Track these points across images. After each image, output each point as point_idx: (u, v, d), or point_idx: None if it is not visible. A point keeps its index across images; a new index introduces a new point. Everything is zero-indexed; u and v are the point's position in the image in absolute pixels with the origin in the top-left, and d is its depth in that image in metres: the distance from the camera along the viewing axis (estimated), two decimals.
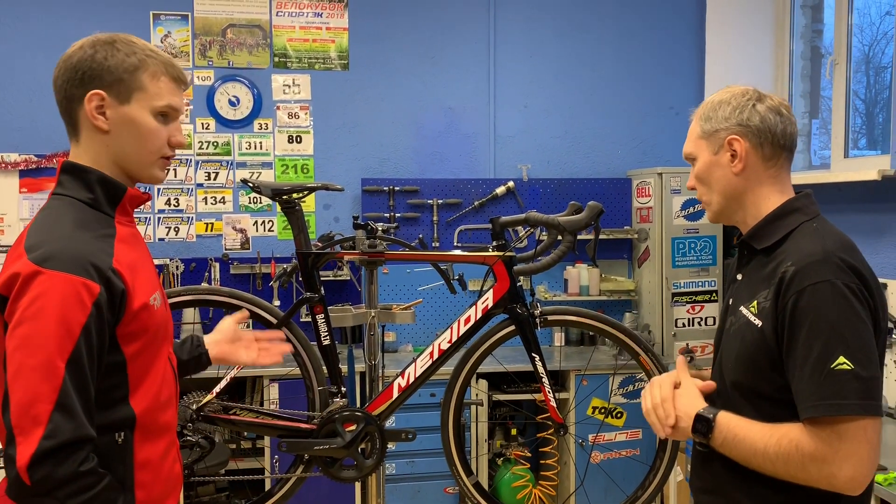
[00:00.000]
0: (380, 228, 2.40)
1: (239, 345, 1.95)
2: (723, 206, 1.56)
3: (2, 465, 1.29)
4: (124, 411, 1.35)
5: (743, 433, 1.40)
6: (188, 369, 1.83)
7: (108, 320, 1.29)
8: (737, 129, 1.50)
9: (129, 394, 1.36)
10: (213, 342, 1.90)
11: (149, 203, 4.03)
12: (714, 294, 4.11)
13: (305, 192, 2.35)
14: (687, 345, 4.01)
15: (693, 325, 4.09)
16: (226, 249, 4.19)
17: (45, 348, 1.22)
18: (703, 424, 1.45)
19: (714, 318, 4.09)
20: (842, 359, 1.30)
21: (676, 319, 4.07)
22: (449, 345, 2.37)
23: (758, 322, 1.43)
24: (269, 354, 2.01)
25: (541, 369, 2.38)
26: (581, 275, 4.27)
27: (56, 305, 1.23)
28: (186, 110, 4.08)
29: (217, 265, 4.11)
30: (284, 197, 2.31)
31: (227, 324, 1.97)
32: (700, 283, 4.11)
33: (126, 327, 1.33)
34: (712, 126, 1.53)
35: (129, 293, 1.33)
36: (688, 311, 4.09)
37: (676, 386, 1.54)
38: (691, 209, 4.09)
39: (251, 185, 2.34)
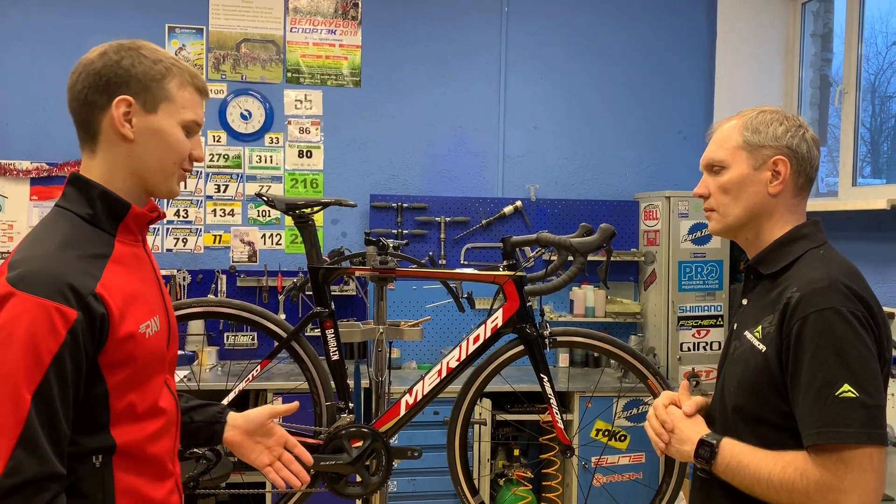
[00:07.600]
0: (391, 245, 2.41)
1: (260, 442, 1.63)
2: (742, 221, 1.53)
3: None
4: (103, 439, 1.25)
5: (747, 460, 1.39)
6: (195, 435, 1.59)
7: (86, 349, 1.19)
8: (786, 151, 1.49)
9: (109, 423, 1.26)
10: (235, 425, 1.61)
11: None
12: (720, 318, 4.11)
13: (319, 207, 2.36)
14: (692, 369, 4.00)
15: (699, 350, 4.09)
16: (233, 262, 4.20)
17: (11, 378, 1.13)
18: (706, 450, 1.45)
19: (720, 343, 4.09)
20: (846, 386, 1.30)
21: (682, 343, 4.07)
22: (457, 363, 2.37)
23: (762, 347, 1.43)
24: (283, 474, 1.64)
25: (549, 390, 2.38)
26: (587, 296, 4.28)
27: (25, 332, 1.14)
28: None
29: (224, 277, 4.12)
30: (298, 211, 2.32)
31: (261, 413, 1.64)
32: (706, 308, 4.10)
33: (109, 356, 1.23)
34: (760, 140, 1.50)
35: (112, 320, 1.22)
36: (693, 335, 4.08)
37: (676, 405, 1.58)
38: (698, 233, 4.09)
39: (265, 198, 2.35)
